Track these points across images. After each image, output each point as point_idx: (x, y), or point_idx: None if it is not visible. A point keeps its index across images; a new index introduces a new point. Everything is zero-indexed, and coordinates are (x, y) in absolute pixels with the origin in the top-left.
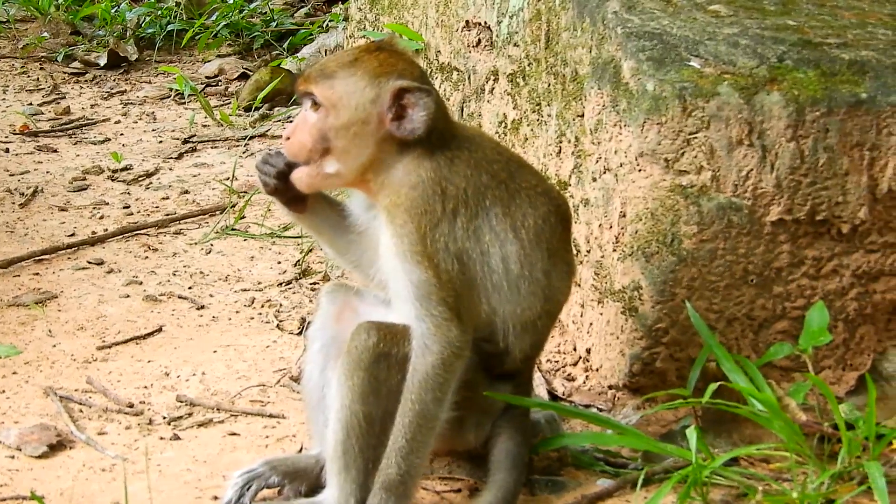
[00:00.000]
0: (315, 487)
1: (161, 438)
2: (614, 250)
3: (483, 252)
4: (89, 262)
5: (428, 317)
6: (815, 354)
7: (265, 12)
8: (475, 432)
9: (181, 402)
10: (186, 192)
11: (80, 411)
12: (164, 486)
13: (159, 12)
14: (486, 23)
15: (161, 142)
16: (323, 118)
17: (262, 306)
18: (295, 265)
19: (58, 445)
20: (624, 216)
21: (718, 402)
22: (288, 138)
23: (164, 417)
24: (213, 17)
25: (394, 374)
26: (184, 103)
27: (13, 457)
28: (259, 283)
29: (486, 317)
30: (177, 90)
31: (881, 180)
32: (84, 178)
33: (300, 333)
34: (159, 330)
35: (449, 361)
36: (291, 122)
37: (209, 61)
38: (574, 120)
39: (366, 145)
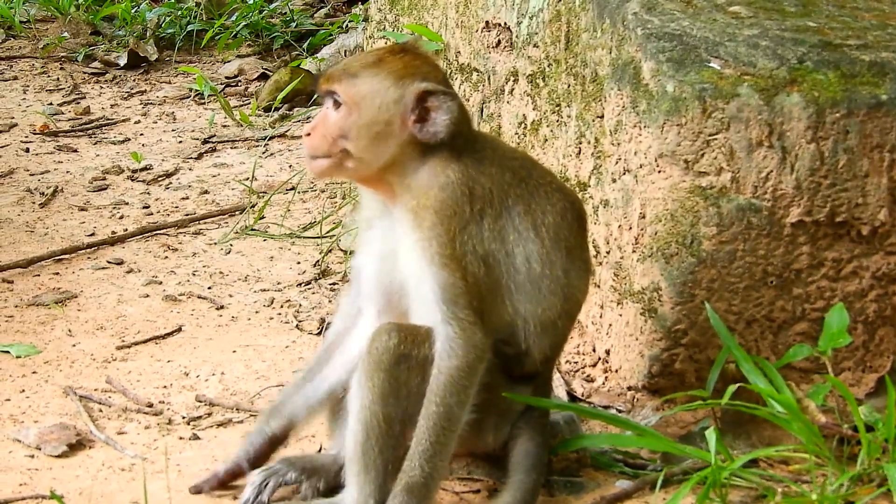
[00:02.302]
0: (333, 486)
1: (180, 438)
2: (634, 251)
3: (508, 253)
4: (109, 262)
5: (454, 320)
6: (835, 356)
7: (285, 13)
8: (494, 434)
9: (200, 401)
10: (206, 192)
11: (100, 411)
12: (184, 486)
13: (179, 12)
14: (505, 23)
15: (181, 142)
16: (345, 116)
17: (282, 306)
18: (314, 265)
19: (77, 445)
20: (643, 217)
21: (737, 404)
22: (308, 134)
23: (184, 417)
24: (233, 18)
25: (414, 376)
26: (203, 103)
27: (33, 456)
28: (278, 283)
29: (509, 318)
30: (196, 90)
31: None
32: (104, 178)
33: (319, 334)
34: (179, 330)
35: (473, 365)
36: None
37: (229, 61)
38: (594, 121)
39: (387, 146)
